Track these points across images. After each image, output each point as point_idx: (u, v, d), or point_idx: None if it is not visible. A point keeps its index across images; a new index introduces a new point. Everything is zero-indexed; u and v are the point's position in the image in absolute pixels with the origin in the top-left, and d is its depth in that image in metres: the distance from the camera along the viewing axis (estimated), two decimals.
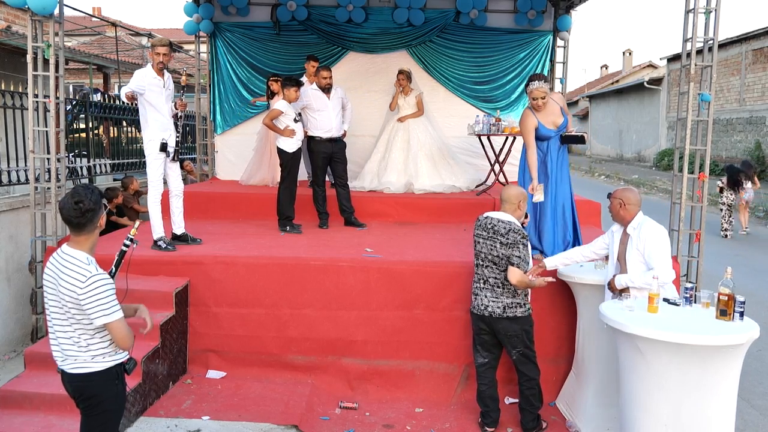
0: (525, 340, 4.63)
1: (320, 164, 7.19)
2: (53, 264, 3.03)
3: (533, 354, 4.69)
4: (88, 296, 2.91)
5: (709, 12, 5.75)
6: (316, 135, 7.12)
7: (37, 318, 6.06)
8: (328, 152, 7.16)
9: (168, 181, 6.00)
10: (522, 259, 4.44)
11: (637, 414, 3.88)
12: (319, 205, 7.27)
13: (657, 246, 4.37)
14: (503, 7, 9.59)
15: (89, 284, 2.91)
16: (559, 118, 5.63)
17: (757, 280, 9.35)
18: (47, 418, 4.46)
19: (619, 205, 4.51)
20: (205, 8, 9.46)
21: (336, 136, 7.20)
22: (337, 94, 7.24)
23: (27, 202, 6.24)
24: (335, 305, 5.48)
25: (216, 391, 5.24)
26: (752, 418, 5.24)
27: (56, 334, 3.07)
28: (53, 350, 3.12)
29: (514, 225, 4.48)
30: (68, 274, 2.94)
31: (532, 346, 4.69)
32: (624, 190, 4.65)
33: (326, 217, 7.29)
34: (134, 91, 5.56)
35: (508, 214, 4.52)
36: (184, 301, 5.48)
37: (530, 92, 5.55)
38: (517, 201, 4.58)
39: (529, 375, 4.70)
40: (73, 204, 2.98)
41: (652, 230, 4.40)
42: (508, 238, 4.41)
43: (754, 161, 17.97)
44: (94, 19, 19.56)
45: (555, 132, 5.61)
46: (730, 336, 3.63)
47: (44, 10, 5.62)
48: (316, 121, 7.11)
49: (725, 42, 22.90)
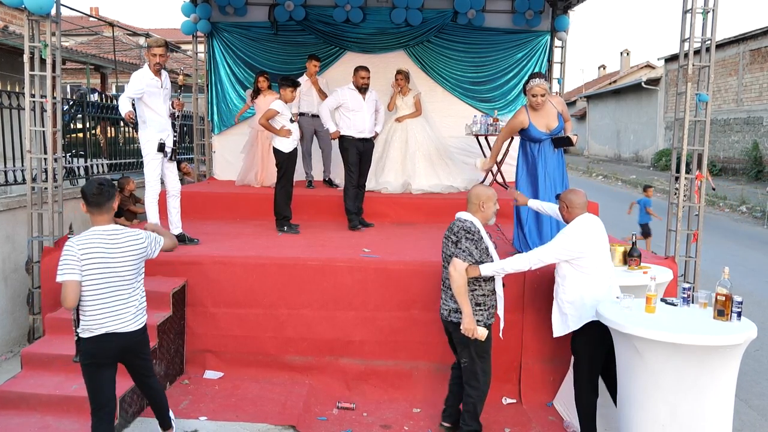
0: (471, 352, 4.34)
1: (354, 161, 7.10)
2: (98, 245, 3.57)
3: (482, 371, 4.38)
4: (151, 247, 3.77)
5: (706, 12, 5.75)
6: (348, 134, 7.08)
7: (34, 318, 6.04)
8: (360, 150, 7.14)
9: (165, 181, 5.99)
10: (463, 251, 4.20)
11: (634, 414, 3.89)
12: (350, 205, 7.17)
13: (553, 240, 4.47)
14: (501, 8, 9.60)
15: (149, 237, 3.77)
16: (554, 122, 5.56)
17: (755, 280, 9.36)
18: (44, 419, 4.45)
19: (564, 207, 4.57)
20: (203, 8, 9.45)
21: (368, 136, 7.18)
22: (371, 96, 7.21)
23: (24, 202, 6.22)
24: (333, 305, 5.48)
25: (213, 391, 5.23)
26: (750, 419, 5.24)
27: (127, 301, 3.68)
28: (116, 321, 3.65)
29: (466, 223, 4.29)
30: (124, 240, 3.65)
31: (482, 362, 4.38)
32: (569, 192, 4.68)
33: (357, 217, 7.22)
34: (133, 99, 5.56)
35: (470, 214, 4.41)
36: (182, 301, 5.47)
37: (530, 89, 5.50)
38: (479, 201, 4.35)
39: (469, 391, 4.42)
40: (96, 185, 3.64)
41: (565, 229, 4.48)
42: (457, 235, 4.27)
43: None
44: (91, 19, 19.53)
45: (546, 135, 5.55)
46: (727, 336, 3.64)
47: (41, 9, 5.61)
48: (350, 121, 7.07)
49: (723, 42, 22.94)
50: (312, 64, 8.65)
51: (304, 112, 8.67)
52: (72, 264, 3.51)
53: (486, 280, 4.33)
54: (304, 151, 8.91)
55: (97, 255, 3.56)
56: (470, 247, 4.21)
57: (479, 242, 4.25)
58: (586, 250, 4.37)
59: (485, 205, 4.35)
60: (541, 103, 5.50)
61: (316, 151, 9.12)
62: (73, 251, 3.52)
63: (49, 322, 5.25)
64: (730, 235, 11.84)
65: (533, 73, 5.69)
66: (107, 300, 3.62)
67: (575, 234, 4.38)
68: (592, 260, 4.41)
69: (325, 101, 7.38)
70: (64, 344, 5.00)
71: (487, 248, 4.32)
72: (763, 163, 21.37)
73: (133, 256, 3.67)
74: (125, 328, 3.68)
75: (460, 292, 4.18)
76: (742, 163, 22.50)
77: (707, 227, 6.92)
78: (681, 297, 4.21)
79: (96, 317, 3.61)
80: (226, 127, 9.88)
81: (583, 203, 4.55)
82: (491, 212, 4.39)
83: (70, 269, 3.51)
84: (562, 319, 4.53)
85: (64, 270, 3.51)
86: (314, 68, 8.68)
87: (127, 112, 5.53)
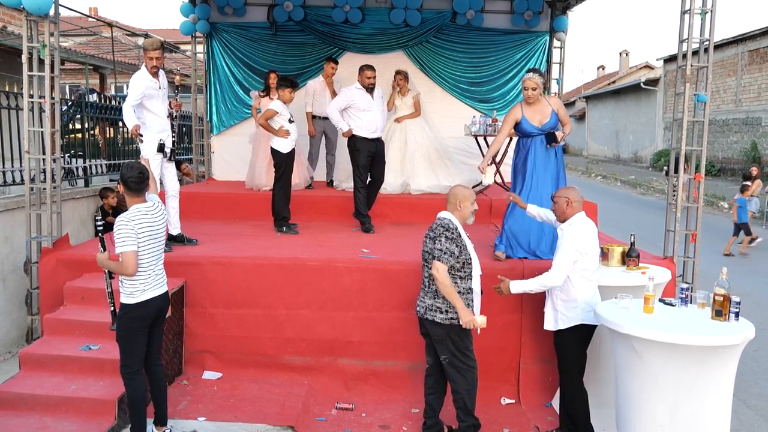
0: (451, 348, 4.37)
1: (364, 163, 7.04)
2: (144, 218, 4.06)
3: (465, 366, 4.40)
4: None
5: (705, 13, 5.76)
6: (360, 135, 6.98)
7: (32, 319, 6.04)
8: (372, 151, 7.06)
9: (164, 181, 5.99)
10: (445, 253, 4.24)
11: (633, 414, 3.89)
12: (361, 207, 7.12)
13: (561, 245, 4.47)
14: (500, 8, 9.60)
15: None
16: (546, 118, 5.56)
17: (754, 280, 9.38)
18: (42, 420, 4.45)
19: (566, 203, 4.56)
20: (202, 9, 9.45)
21: (380, 135, 7.14)
22: (378, 94, 7.14)
23: (22, 203, 6.22)
24: (331, 306, 5.48)
25: (212, 391, 5.23)
26: (748, 419, 5.25)
27: (160, 269, 4.23)
28: (156, 283, 4.18)
29: (444, 220, 4.35)
30: (159, 212, 4.23)
31: (464, 358, 4.40)
32: (567, 188, 4.70)
33: (369, 219, 7.16)
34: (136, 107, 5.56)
35: (449, 213, 4.44)
36: (180, 301, 5.47)
37: (523, 81, 5.54)
38: (456, 200, 4.40)
39: (455, 387, 4.45)
40: (137, 173, 4.08)
41: (569, 229, 4.48)
42: (435, 231, 4.32)
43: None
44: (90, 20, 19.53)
45: (538, 130, 5.55)
46: (725, 336, 3.64)
47: (39, 10, 5.62)
48: (361, 121, 6.98)
49: (722, 43, 22.97)
50: (330, 66, 8.63)
51: (316, 114, 8.68)
52: (131, 236, 3.97)
53: (462, 278, 4.35)
54: (311, 152, 8.92)
55: (146, 227, 4.07)
56: (450, 247, 4.25)
57: (458, 239, 4.30)
58: (589, 250, 4.41)
59: (461, 204, 4.39)
60: (532, 97, 5.51)
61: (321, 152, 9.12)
62: (130, 225, 3.98)
63: (47, 323, 5.25)
64: (729, 236, 11.87)
65: (530, 69, 5.70)
66: (153, 266, 4.15)
67: (578, 233, 4.41)
68: (590, 261, 4.42)
69: (333, 102, 7.29)
70: (63, 345, 5.01)
71: (466, 245, 4.37)
72: (762, 163, 21.38)
73: (164, 224, 4.32)
74: (162, 289, 4.25)
75: (449, 291, 4.24)
76: (740, 163, 22.51)
77: (705, 227, 6.92)
78: (679, 297, 4.22)
79: (147, 282, 4.12)
80: (225, 127, 9.87)
81: (581, 200, 4.58)
82: (468, 212, 4.41)
83: (130, 240, 3.97)
84: (554, 315, 4.58)
85: (124, 242, 3.95)
86: (332, 70, 8.65)
87: (133, 126, 5.49)
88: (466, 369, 4.42)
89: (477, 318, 4.26)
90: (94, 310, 5.22)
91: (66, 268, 5.64)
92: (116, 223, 4.02)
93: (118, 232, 3.97)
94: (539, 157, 5.58)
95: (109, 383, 4.68)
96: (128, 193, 4.11)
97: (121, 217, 4.03)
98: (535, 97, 5.51)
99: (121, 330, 4.17)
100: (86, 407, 4.52)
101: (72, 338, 5.08)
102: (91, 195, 8.39)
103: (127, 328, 4.15)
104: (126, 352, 4.17)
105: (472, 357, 4.46)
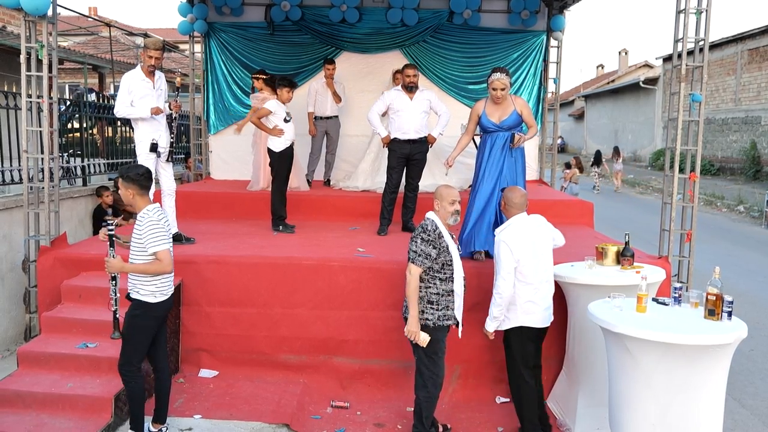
0: (420, 350, 4.38)
1: (394, 164, 6.83)
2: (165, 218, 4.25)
3: (429, 373, 4.41)
4: None
5: (700, 12, 5.78)
6: (393, 136, 6.83)
7: (30, 317, 6.07)
8: (405, 153, 6.81)
9: (160, 180, 6.00)
10: (418, 254, 4.26)
11: (625, 413, 3.91)
12: (385, 208, 7.00)
13: (496, 257, 4.57)
14: (497, 7, 9.62)
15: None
16: (505, 116, 5.60)
17: (750, 280, 9.39)
18: (39, 417, 4.48)
19: (503, 204, 4.66)
20: (200, 8, 9.47)
21: (414, 137, 6.76)
22: (423, 96, 6.87)
23: (20, 202, 6.24)
24: (327, 305, 5.50)
25: (208, 390, 5.26)
26: (742, 418, 5.27)
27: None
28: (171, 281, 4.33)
29: (426, 221, 4.38)
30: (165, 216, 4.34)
31: (431, 363, 4.41)
32: (508, 189, 4.76)
33: (387, 224, 7.02)
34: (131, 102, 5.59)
35: (433, 213, 4.46)
36: (177, 300, 5.47)
37: (490, 82, 5.53)
38: (436, 201, 4.44)
39: (417, 392, 4.48)
40: (144, 169, 4.31)
41: (499, 236, 4.56)
42: (415, 232, 4.37)
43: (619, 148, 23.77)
44: (89, 19, 19.55)
45: (495, 126, 5.60)
46: (717, 336, 3.65)
47: (37, 10, 5.64)
48: (394, 122, 6.86)
49: (721, 42, 22.99)
50: (326, 68, 8.67)
51: (317, 115, 8.71)
52: (166, 235, 4.14)
53: (443, 280, 4.36)
54: (313, 150, 8.95)
55: (167, 226, 4.23)
56: (426, 249, 4.27)
57: (437, 240, 4.30)
58: (521, 256, 4.48)
59: (440, 204, 4.42)
60: (501, 98, 5.55)
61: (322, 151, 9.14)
62: (162, 224, 4.14)
63: (45, 321, 5.27)
64: (727, 235, 11.87)
65: (495, 68, 5.66)
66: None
67: (509, 241, 4.49)
68: (524, 265, 4.51)
69: (373, 106, 7.03)
70: (60, 343, 5.04)
71: (448, 247, 4.36)
72: (761, 162, 21.40)
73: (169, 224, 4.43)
74: (172, 288, 4.36)
75: (410, 295, 4.30)
76: (740, 162, 22.54)
77: (704, 227, 6.94)
78: (672, 296, 4.23)
79: (169, 281, 4.27)
80: (222, 127, 9.88)
81: (519, 203, 4.63)
82: (447, 212, 4.41)
83: (166, 239, 4.14)
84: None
85: (162, 240, 4.09)
86: (329, 71, 8.67)
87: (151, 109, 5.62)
88: (430, 377, 4.43)
89: (420, 334, 4.31)
90: (91, 309, 5.24)
91: (64, 266, 5.67)
92: (145, 225, 4.08)
93: (151, 232, 4.06)
94: (494, 154, 5.63)
95: (105, 381, 4.71)
96: (139, 192, 4.19)
97: (147, 219, 4.10)
98: (503, 96, 5.56)
99: (134, 329, 4.19)
100: (83, 405, 4.55)
101: (69, 336, 5.10)
102: (89, 194, 8.44)
103: (144, 327, 4.20)
104: (134, 350, 4.21)
105: (440, 365, 4.47)
